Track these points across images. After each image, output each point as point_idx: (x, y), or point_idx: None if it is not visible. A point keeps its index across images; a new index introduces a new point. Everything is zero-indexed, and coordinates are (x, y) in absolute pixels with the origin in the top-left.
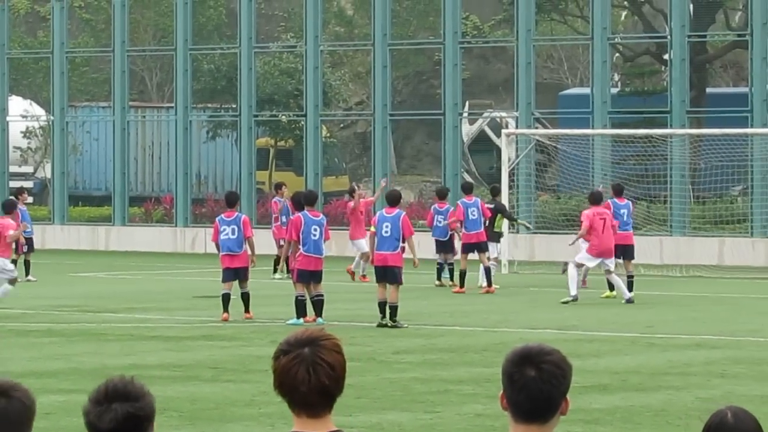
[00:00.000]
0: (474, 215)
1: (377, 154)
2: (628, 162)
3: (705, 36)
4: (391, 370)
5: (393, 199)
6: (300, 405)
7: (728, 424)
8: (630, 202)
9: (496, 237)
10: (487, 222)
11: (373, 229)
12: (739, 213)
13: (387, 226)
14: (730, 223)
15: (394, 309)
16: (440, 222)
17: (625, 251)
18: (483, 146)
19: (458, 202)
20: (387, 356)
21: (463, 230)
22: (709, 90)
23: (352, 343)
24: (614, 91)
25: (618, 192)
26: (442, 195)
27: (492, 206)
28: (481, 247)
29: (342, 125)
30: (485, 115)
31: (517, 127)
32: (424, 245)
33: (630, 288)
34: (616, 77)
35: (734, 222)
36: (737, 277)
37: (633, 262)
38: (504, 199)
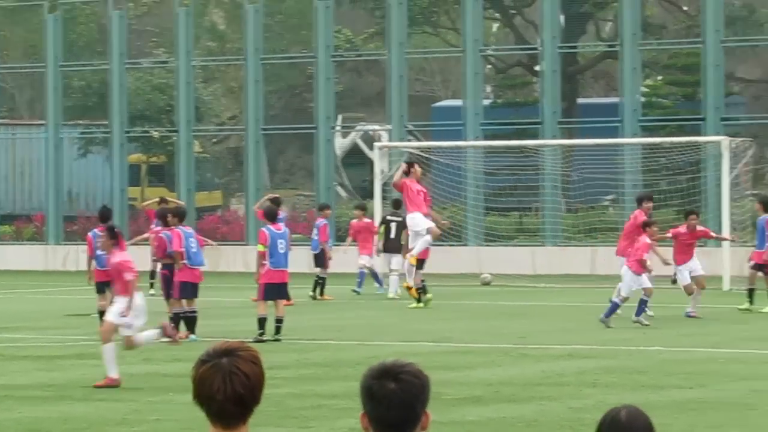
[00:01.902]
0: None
1: (250, 169)
2: (501, 173)
3: (576, 47)
4: (268, 385)
5: (275, 215)
6: (216, 415)
7: (621, 422)
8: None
9: (400, 249)
10: (392, 233)
11: (261, 248)
12: (610, 222)
13: (282, 243)
14: (602, 232)
15: (282, 322)
16: (316, 235)
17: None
18: (356, 159)
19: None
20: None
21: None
22: (580, 100)
23: None
24: (486, 102)
25: (397, 206)
26: (321, 208)
27: (399, 219)
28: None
29: (215, 140)
30: (358, 128)
31: (390, 140)
32: (300, 260)
33: None
34: (489, 89)
35: (606, 231)
36: (610, 286)
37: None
38: (377, 211)
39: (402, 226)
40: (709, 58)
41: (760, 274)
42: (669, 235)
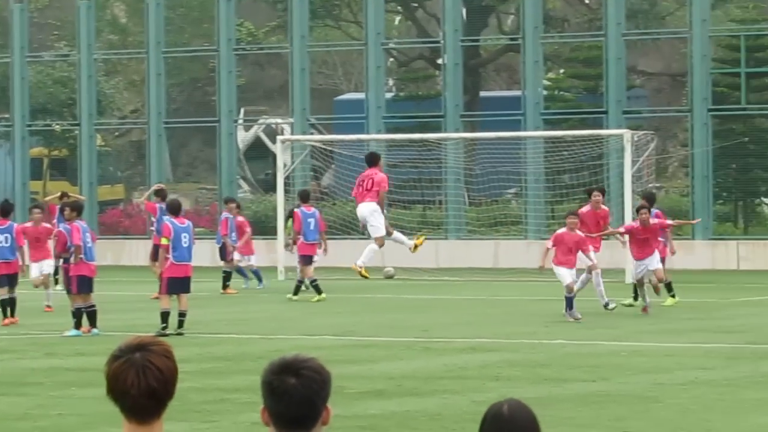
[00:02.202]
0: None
1: (153, 163)
2: (404, 166)
3: (478, 40)
4: (177, 380)
5: (178, 208)
6: (130, 410)
7: (503, 416)
8: (317, 210)
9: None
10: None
11: (165, 241)
12: (513, 215)
13: (185, 237)
14: (504, 225)
15: (185, 316)
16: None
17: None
18: (258, 153)
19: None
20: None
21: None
22: (482, 94)
23: None
24: (389, 95)
25: (304, 198)
26: (226, 202)
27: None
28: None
29: (117, 134)
30: (260, 121)
31: (292, 133)
32: (202, 253)
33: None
34: (391, 82)
35: (509, 224)
36: (512, 279)
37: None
38: (279, 205)
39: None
40: (610, 52)
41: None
42: (622, 230)
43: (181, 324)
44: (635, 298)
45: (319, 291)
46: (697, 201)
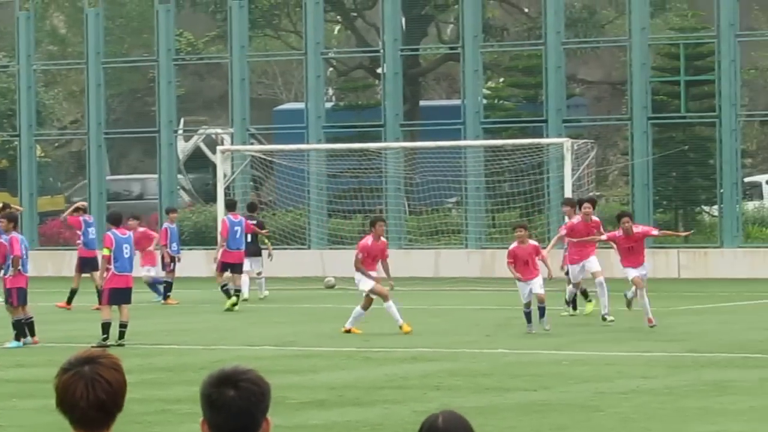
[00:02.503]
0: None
1: (93, 173)
2: (344, 176)
3: (417, 49)
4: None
5: (119, 219)
6: (79, 422)
7: (438, 427)
8: (243, 219)
9: (259, 251)
10: (249, 237)
11: (106, 252)
12: (454, 224)
13: (127, 248)
14: (445, 234)
15: (126, 327)
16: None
17: (233, 268)
18: (199, 163)
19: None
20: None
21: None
22: (422, 103)
23: None
24: (329, 105)
25: (231, 207)
26: (167, 212)
27: (254, 222)
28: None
29: (57, 144)
30: (200, 131)
31: (232, 144)
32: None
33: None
34: (330, 92)
35: (449, 233)
36: (453, 288)
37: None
38: (219, 215)
39: (258, 228)
40: (550, 60)
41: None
42: (604, 238)
43: (122, 335)
44: (574, 308)
45: (229, 295)
46: (638, 209)
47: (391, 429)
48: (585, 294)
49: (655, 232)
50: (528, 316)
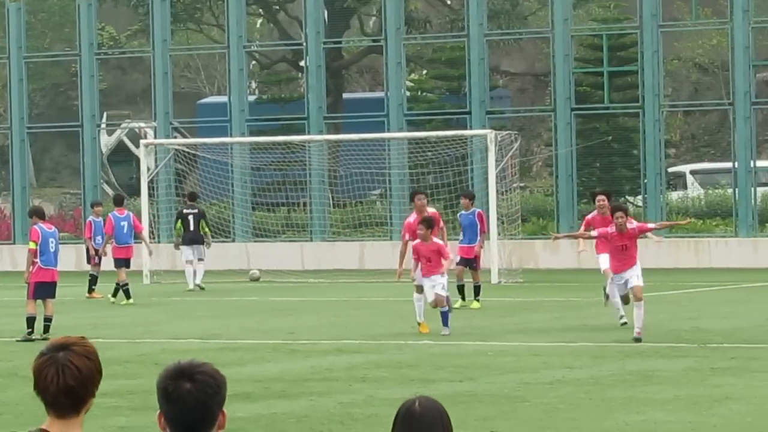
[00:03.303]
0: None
1: (16, 168)
2: (268, 169)
3: (340, 42)
4: (32, 385)
5: (43, 213)
6: (51, 405)
7: (415, 412)
8: (131, 214)
9: (201, 239)
10: (191, 225)
11: (33, 246)
12: (378, 217)
13: (52, 242)
14: (369, 226)
15: (50, 321)
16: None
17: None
18: (122, 157)
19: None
20: (29, 371)
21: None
22: (345, 95)
23: None
24: (252, 98)
25: (118, 202)
26: (92, 205)
27: (195, 211)
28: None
29: None
30: (123, 125)
31: (155, 137)
32: (66, 258)
33: None
34: (254, 85)
35: (374, 225)
36: (378, 280)
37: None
38: (143, 209)
39: (198, 217)
40: (473, 52)
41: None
42: (595, 235)
43: (46, 329)
44: (463, 298)
45: (128, 296)
46: (562, 200)
47: (317, 421)
48: (477, 291)
49: (651, 225)
50: (442, 316)
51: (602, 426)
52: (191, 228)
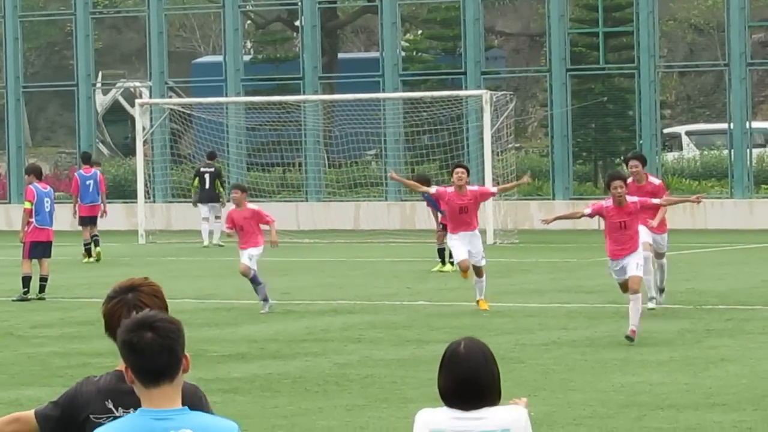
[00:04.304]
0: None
1: (11, 127)
2: (263, 129)
3: (335, 2)
4: (29, 344)
5: (40, 172)
6: None
7: (460, 354)
8: (98, 172)
9: (216, 198)
10: (207, 184)
11: (28, 205)
12: (373, 177)
13: (48, 201)
14: (364, 186)
15: (46, 280)
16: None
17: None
18: (117, 116)
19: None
20: (25, 330)
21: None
22: (340, 55)
23: None
24: (247, 58)
25: (85, 160)
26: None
27: (212, 170)
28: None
29: None
30: (119, 85)
31: (150, 97)
32: (62, 218)
33: None
34: (249, 45)
35: (369, 186)
36: (373, 241)
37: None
38: (139, 168)
39: (214, 176)
40: (468, 12)
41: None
42: (588, 211)
43: (42, 288)
44: (443, 263)
45: (89, 254)
46: (557, 161)
47: (312, 381)
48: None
49: (656, 201)
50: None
51: (597, 387)
52: (207, 186)
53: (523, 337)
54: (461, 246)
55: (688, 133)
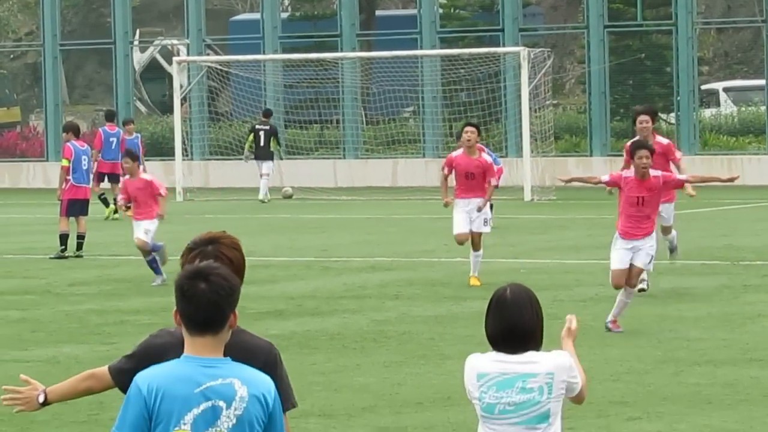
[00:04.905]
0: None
1: (48, 85)
2: (301, 86)
3: None
4: (66, 302)
5: (78, 130)
6: None
7: (506, 299)
8: (121, 131)
9: (270, 155)
10: (261, 141)
11: (66, 163)
12: (411, 134)
13: (85, 159)
14: (402, 144)
15: (83, 238)
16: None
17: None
18: (155, 74)
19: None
20: (62, 288)
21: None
22: (378, 13)
23: (27, 275)
24: (284, 15)
25: (109, 118)
26: (124, 123)
27: (267, 128)
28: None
29: (12, 56)
30: (156, 43)
31: (188, 55)
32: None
33: None
34: (287, 2)
35: (406, 143)
36: (411, 198)
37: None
38: (176, 126)
39: (270, 133)
40: None
41: None
42: (605, 179)
43: (80, 246)
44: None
45: (106, 204)
46: (594, 118)
47: (350, 338)
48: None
49: (682, 177)
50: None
51: (635, 343)
52: (261, 144)
53: (560, 293)
54: (461, 218)
55: (726, 90)
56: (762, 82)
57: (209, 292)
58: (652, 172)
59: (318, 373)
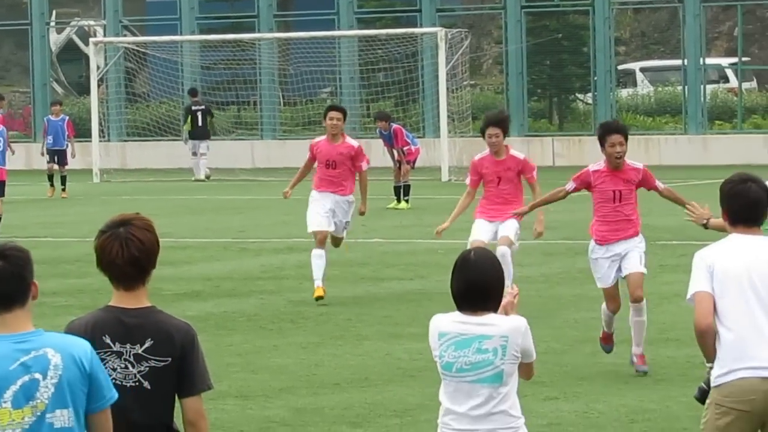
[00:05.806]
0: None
1: None
2: (218, 67)
3: None
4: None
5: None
6: (118, 279)
7: (470, 259)
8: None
9: (208, 134)
10: (200, 121)
11: None
12: None
13: (1, 141)
14: (320, 125)
15: (0, 219)
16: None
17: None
18: (71, 55)
19: (45, 118)
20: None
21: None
22: None
23: None
24: None
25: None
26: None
27: (203, 107)
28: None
29: None
30: (73, 23)
31: (105, 36)
32: (16, 158)
33: None
34: None
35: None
36: None
37: None
38: (93, 107)
39: (206, 112)
40: None
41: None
42: (570, 187)
43: None
44: (398, 200)
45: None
46: (512, 98)
47: (267, 319)
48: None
49: (661, 185)
50: None
51: (552, 323)
52: (200, 123)
53: None
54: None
55: (643, 70)
56: (678, 62)
57: (9, 266)
58: (629, 162)
59: (235, 354)
